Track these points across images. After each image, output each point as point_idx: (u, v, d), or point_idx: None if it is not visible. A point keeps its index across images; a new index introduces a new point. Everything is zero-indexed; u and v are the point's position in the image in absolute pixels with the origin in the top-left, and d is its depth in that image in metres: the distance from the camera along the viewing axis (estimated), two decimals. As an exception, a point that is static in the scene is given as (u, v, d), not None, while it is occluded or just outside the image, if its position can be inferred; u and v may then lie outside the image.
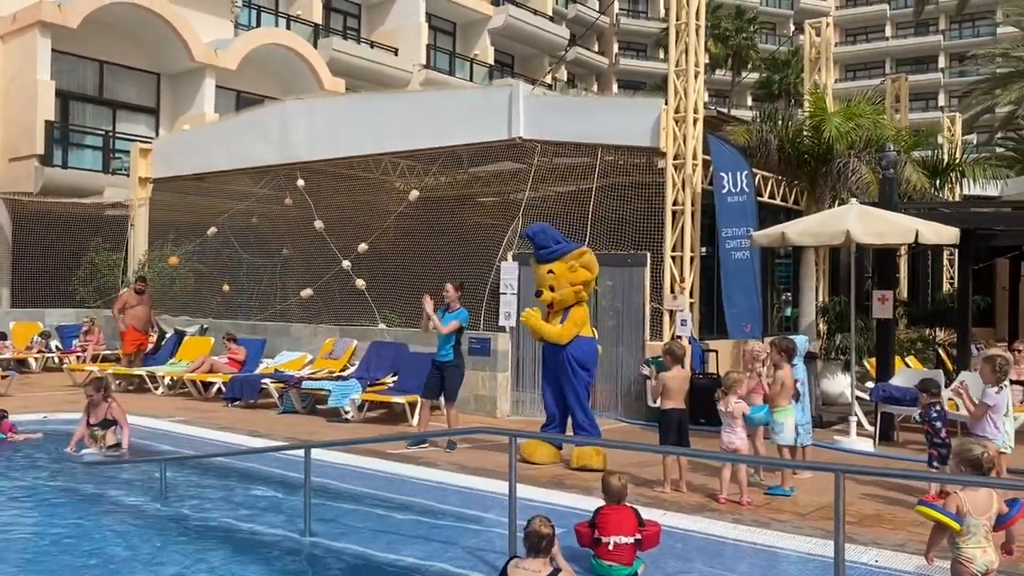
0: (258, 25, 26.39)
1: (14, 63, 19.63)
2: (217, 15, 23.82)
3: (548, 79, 35.37)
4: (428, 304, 9.46)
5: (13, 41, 19.65)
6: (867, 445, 9.81)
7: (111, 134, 21.06)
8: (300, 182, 15.49)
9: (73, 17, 19.28)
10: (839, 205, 11.85)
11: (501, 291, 12.13)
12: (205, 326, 15.66)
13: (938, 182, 14.96)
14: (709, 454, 7.59)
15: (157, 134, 21.76)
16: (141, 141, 19.56)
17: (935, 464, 7.22)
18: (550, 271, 8.84)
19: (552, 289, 8.80)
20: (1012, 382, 8.24)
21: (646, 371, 11.36)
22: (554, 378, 8.89)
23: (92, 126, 21.08)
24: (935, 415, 7.40)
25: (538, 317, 8.90)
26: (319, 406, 11.93)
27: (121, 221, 18.53)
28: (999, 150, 33.86)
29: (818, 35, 16.95)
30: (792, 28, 57.78)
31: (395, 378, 12.07)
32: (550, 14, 38.34)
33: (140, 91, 22.33)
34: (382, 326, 13.94)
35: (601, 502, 5.60)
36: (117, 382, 14.19)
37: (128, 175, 19.01)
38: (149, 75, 22.40)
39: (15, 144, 19.37)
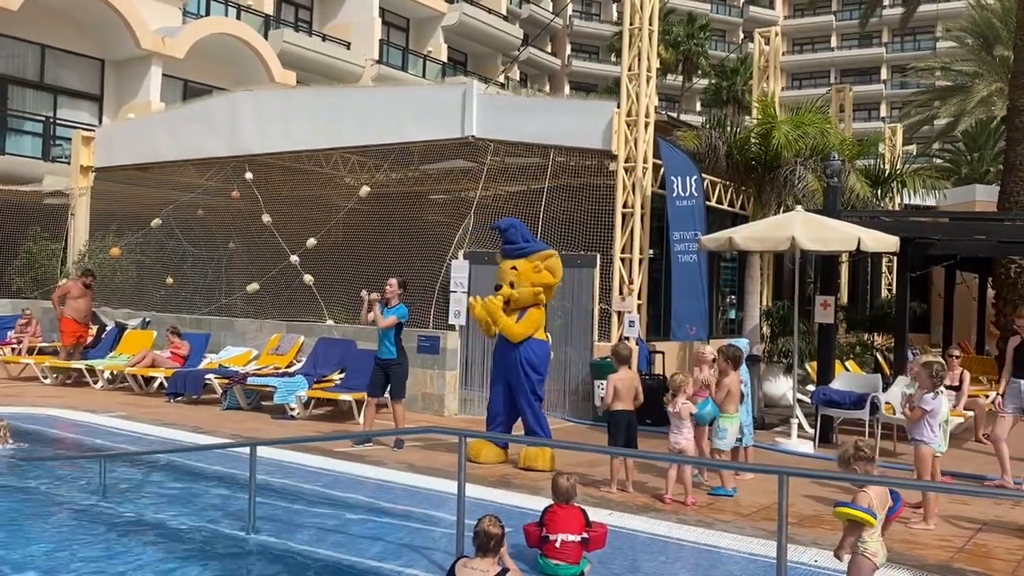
0: (207, 14, 25.93)
1: (-50, 44, 19.01)
2: (165, 2, 23.33)
3: (501, 78, 35.38)
4: (368, 295, 9.38)
5: (-51, 21, 19.02)
6: (807, 447, 10.04)
7: (52, 120, 20.49)
8: (248, 175, 15.25)
9: (14, -1, 18.73)
10: (785, 211, 12.09)
11: (451, 289, 12.11)
12: (147, 319, 15.33)
13: (879, 191, 15.37)
14: (656, 455, 7.68)
15: (100, 122, 21.24)
16: (83, 129, 19.07)
17: None
18: (513, 267, 8.74)
19: (512, 286, 8.70)
20: (947, 387, 8.49)
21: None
22: (503, 378, 8.82)
23: (32, 112, 20.49)
24: None
25: (500, 306, 8.73)
26: (264, 402, 11.78)
27: (61, 210, 18.03)
28: (937, 161, 34.93)
29: (767, 44, 17.29)
30: (741, 36, 58.75)
31: (342, 375, 11.98)
32: (504, 13, 38.41)
33: (83, 77, 21.76)
34: (330, 322, 13.81)
35: (550, 502, 5.64)
36: (55, 375, 13.85)
37: (69, 163, 18.51)
38: (93, 61, 21.85)
39: (-51, 128, 18.76)
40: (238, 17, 26.64)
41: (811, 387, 11.46)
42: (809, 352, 12.52)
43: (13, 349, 15.62)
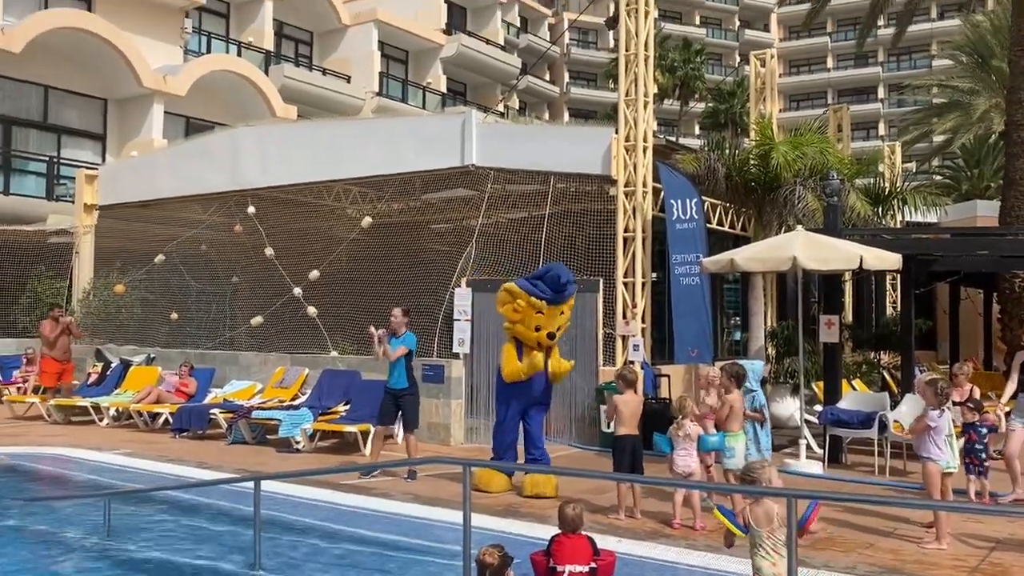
0: (208, 51, 26.18)
1: (-46, 87, 19.20)
2: (166, 41, 23.58)
3: (500, 107, 35.63)
4: (376, 331, 9.39)
5: (-47, 65, 19.23)
6: (817, 468, 9.96)
7: (56, 160, 20.64)
8: (251, 209, 15.33)
9: (17, 41, 18.93)
10: (786, 231, 12.10)
11: (455, 317, 12.10)
12: (152, 356, 15.33)
13: (880, 209, 15.38)
14: (662, 481, 7.63)
15: (104, 160, 21.39)
16: (87, 167, 19.19)
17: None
18: (562, 312, 8.80)
19: (559, 330, 8.81)
20: (954, 403, 8.44)
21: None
22: (523, 409, 8.77)
23: (36, 152, 20.64)
24: (984, 431, 8.18)
25: (560, 362, 8.84)
26: (269, 436, 11.74)
27: (65, 248, 18.11)
28: (936, 177, 34.94)
29: (763, 66, 17.40)
30: (738, 59, 59.12)
31: (347, 406, 11.93)
32: (502, 43, 38.76)
33: (86, 117, 21.95)
34: (334, 354, 13.79)
35: (556, 530, 5.58)
36: (60, 413, 13.82)
37: (73, 202, 18.62)
38: (95, 100, 22.05)
39: (-46, 170, 18.90)
40: (239, 54, 26.91)
41: (818, 407, 11.39)
42: (815, 372, 12.47)
43: (18, 388, 15.61)
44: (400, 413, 9.61)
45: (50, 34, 19.63)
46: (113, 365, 15.06)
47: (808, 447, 10.48)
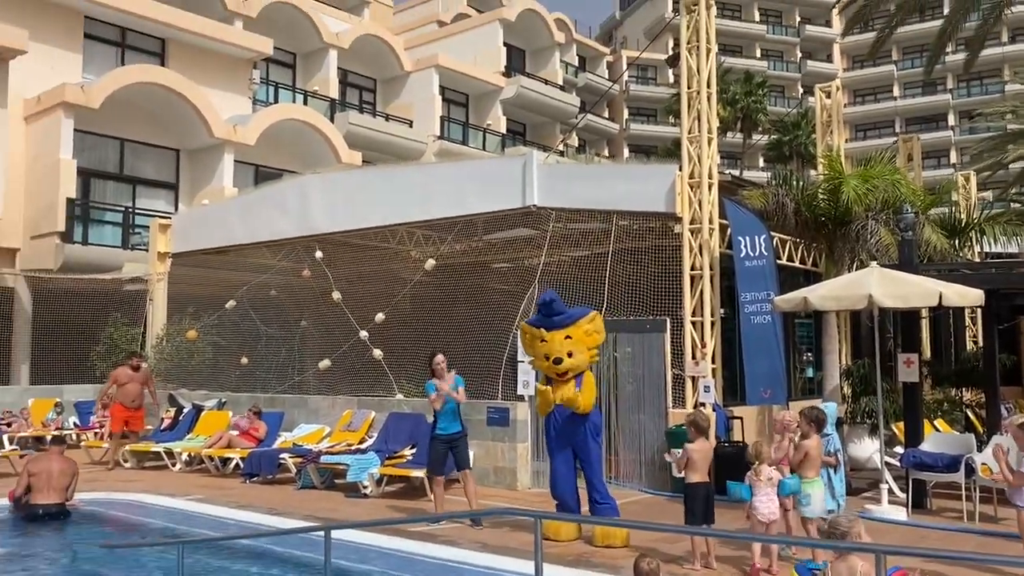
0: (276, 101, 26.95)
1: (38, 143, 20.05)
2: (235, 92, 24.35)
3: (560, 146, 35.81)
4: (443, 386, 9.35)
5: (37, 122, 20.11)
6: (900, 514, 9.54)
7: (131, 210, 21.36)
8: (318, 254, 15.58)
9: (96, 97, 19.75)
10: (858, 267, 11.76)
11: (519, 359, 12.01)
12: (223, 400, 15.59)
13: (957, 241, 14.87)
14: (738, 535, 7.37)
15: (176, 209, 22.06)
16: (160, 216, 19.81)
17: None
18: (567, 336, 8.61)
19: (570, 355, 8.59)
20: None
21: (669, 458, 11.10)
22: (567, 448, 8.59)
23: (112, 202, 21.40)
24: None
25: (572, 391, 8.54)
26: (338, 480, 11.76)
27: (140, 296, 18.64)
28: (1015, 206, 33.75)
29: (828, 98, 17.11)
30: (800, 90, 58.50)
31: (413, 450, 11.90)
32: (560, 83, 39.04)
33: (160, 167, 22.71)
34: (399, 396, 13.83)
35: (630, 583, 5.42)
36: (135, 458, 14.10)
37: (147, 250, 19.21)
38: (169, 151, 22.81)
39: (37, 222, 19.67)
40: (305, 102, 27.64)
41: (899, 449, 10.95)
42: (894, 412, 12.01)
43: (95, 433, 16.03)
44: (453, 457, 9.51)
45: (126, 89, 20.44)
46: (185, 410, 15.36)
47: (890, 491, 10.06)
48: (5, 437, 15.18)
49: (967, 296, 9.65)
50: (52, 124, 19.69)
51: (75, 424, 16.93)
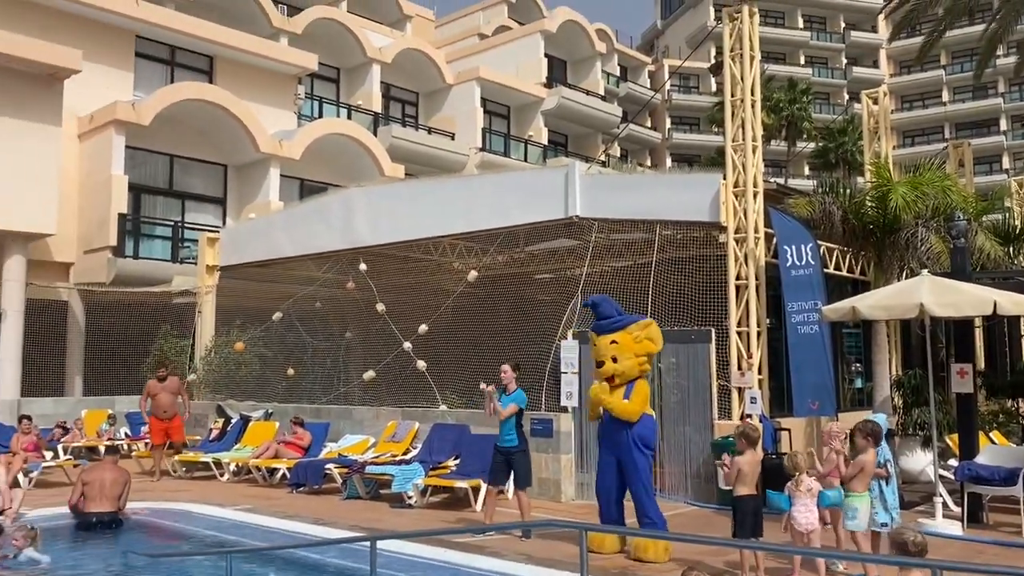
0: (320, 115, 27.32)
1: (90, 160, 20.57)
2: (281, 107, 24.75)
3: (601, 156, 35.74)
4: (490, 391, 9.35)
5: (90, 140, 20.63)
6: (955, 528, 9.29)
7: (180, 224, 21.78)
8: (362, 266, 15.74)
9: (146, 115, 20.21)
10: (908, 276, 11.53)
11: (562, 370, 11.98)
12: (270, 411, 15.79)
13: (1012, 249, 14.51)
14: (791, 550, 7.24)
15: (224, 223, 22.44)
16: (208, 230, 20.17)
17: None
18: (613, 341, 8.48)
19: (615, 360, 8.45)
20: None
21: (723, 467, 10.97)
22: (613, 457, 8.48)
23: (162, 217, 21.85)
24: None
25: (608, 391, 8.50)
26: (382, 490, 11.82)
27: (189, 308, 18.98)
28: (1071, 211, 32.86)
29: (875, 104, 16.84)
30: (846, 97, 57.67)
31: (457, 461, 11.93)
32: (602, 94, 38.99)
33: (208, 182, 23.14)
34: (443, 408, 13.86)
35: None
36: (183, 468, 14.34)
37: (196, 263, 19.57)
38: (216, 167, 23.24)
39: (90, 237, 20.15)
40: (349, 116, 27.98)
41: (953, 461, 10.68)
42: (947, 423, 11.73)
43: (146, 444, 16.31)
44: (511, 471, 9.50)
45: (175, 106, 20.88)
46: (233, 421, 15.57)
47: (944, 505, 9.81)
48: (60, 447, 15.52)
49: (1023, 304, 9.40)
50: (104, 141, 20.18)
51: (126, 434, 17.26)
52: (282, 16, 27.02)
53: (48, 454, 14.27)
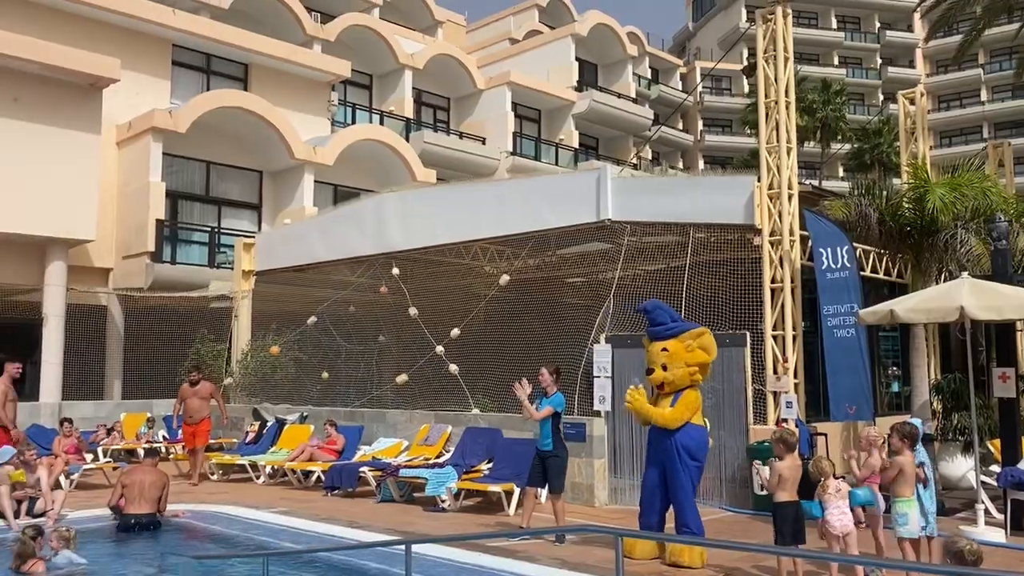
0: (353, 122, 27.54)
1: (128, 167, 20.92)
2: (315, 114, 25.00)
3: (633, 159, 35.60)
4: (520, 391, 9.31)
5: (128, 147, 20.98)
6: (998, 536, 9.12)
7: (216, 230, 22.07)
8: (395, 270, 15.83)
9: (183, 122, 20.51)
10: (947, 278, 11.36)
11: (595, 374, 11.95)
12: (305, 414, 15.92)
13: (1054, 250, 14.20)
14: (828, 556, 7.14)
15: (259, 228, 22.69)
16: (244, 236, 20.41)
17: None
18: (664, 349, 8.36)
19: (665, 368, 8.32)
20: None
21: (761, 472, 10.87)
22: (659, 464, 8.39)
23: (199, 223, 22.15)
24: None
25: (643, 399, 8.41)
26: (416, 494, 11.87)
27: (225, 313, 19.22)
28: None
29: (912, 104, 16.60)
30: (881, 97, 56.96)
31: (490, 464, 11.94)
32: (633, 96, 38.87)
33: (243, 188, 23.43)
34: (476, 411, 13.89)
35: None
36: (220, 471, 14.51)
37: (232, 268, 19.80)
38: (252, 173, 23.51)
39: (128, 242, 20.49)
40: (381, 122, 28.17)
41: (995, 467, 10.49)
42: (988, 428, 11.52)
43: (183, 447, 16.51)
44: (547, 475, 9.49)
45: (211, 114, 21.17)
46: (269, 424, 15.73)
47: (986, 512, 9.63)
48: (100, 449, 15.78)
49: (1067, 307, 9.21)
50: (142, 149, 20.51)
51: (164, 437, 17.50)
52: (315, 24, 27.29)
53: (88, 456, 14.51)
